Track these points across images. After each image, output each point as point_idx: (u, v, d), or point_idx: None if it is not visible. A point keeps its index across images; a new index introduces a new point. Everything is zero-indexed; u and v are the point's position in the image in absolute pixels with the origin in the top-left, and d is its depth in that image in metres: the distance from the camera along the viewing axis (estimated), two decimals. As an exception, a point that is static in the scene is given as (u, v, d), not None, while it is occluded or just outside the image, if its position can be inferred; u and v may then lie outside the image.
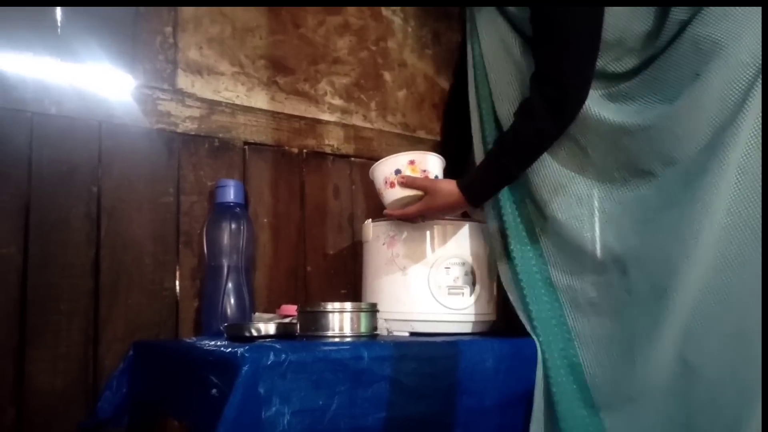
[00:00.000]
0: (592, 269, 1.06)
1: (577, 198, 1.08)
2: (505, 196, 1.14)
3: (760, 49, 0.94)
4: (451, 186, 1.10)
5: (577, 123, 1.04)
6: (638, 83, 1.03)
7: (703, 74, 0.96)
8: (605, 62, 1.03)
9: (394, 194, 1.15)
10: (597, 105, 1.04)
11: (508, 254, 1.14)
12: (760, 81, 0.93)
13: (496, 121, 1.16)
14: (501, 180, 1.09)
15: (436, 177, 1.16)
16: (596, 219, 1.06)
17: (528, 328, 1.09)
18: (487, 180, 1.10)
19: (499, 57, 1.15)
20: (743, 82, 0.94)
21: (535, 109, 1.03)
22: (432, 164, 1.16)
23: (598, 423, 1.01)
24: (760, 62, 0.93)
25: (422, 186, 1.12)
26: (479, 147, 1.20)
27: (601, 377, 1.03)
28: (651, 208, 1.01)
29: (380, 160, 1.18)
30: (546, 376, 1.04)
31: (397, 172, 1.15)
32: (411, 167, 1.15)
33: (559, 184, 1.09)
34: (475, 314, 1.18)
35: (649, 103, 1.02)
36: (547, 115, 1.01)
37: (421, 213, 1.13)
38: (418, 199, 1.13)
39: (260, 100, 1.40)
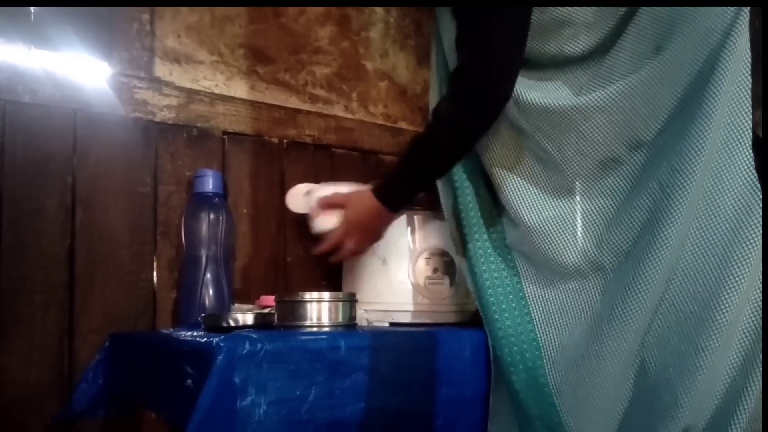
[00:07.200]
0: (569, 276, 0.97)
1: (545, 202, 0.99)
2: (467, 205, 1.07)
3: (725, 10, 0.84)
4: (365, 193, 1.05)
5: (531, 121, 0.97)
6: (597, 64, 0.94)
7: (666, 47, 0.88)
8: (561, 44, 0.94)
9: (323, 222, 1.10)
10: (551, 94, 0.96)
11: (474, 266, 1.06)
12: (730, 44, 0.84)
13: None
14: (416, 183, 1.04)
15: None
16: (569, 222, 0.97)
17: (490, 339, 1.01)
18: (402, 183, 1.04)
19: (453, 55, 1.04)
20: (708, 48, 0.85)
21: (449, 106, 0.96)
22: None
23: None
24: (728, 23, 0.84)
25: (338, 202, 1.09)
26: None
27: (567, 395, 0.94)
28: (621, 199, 0.93)
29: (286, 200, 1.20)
30: (513, 401, 0.98)
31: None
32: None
33: (525, 191, 1.01)
34: (456, 304, 1.18)
35: (607, 83, 0.93)
36: (463, 110, 0.94)
37: (346, 234, 1.07)
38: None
39: (240, 89, 1.39)
